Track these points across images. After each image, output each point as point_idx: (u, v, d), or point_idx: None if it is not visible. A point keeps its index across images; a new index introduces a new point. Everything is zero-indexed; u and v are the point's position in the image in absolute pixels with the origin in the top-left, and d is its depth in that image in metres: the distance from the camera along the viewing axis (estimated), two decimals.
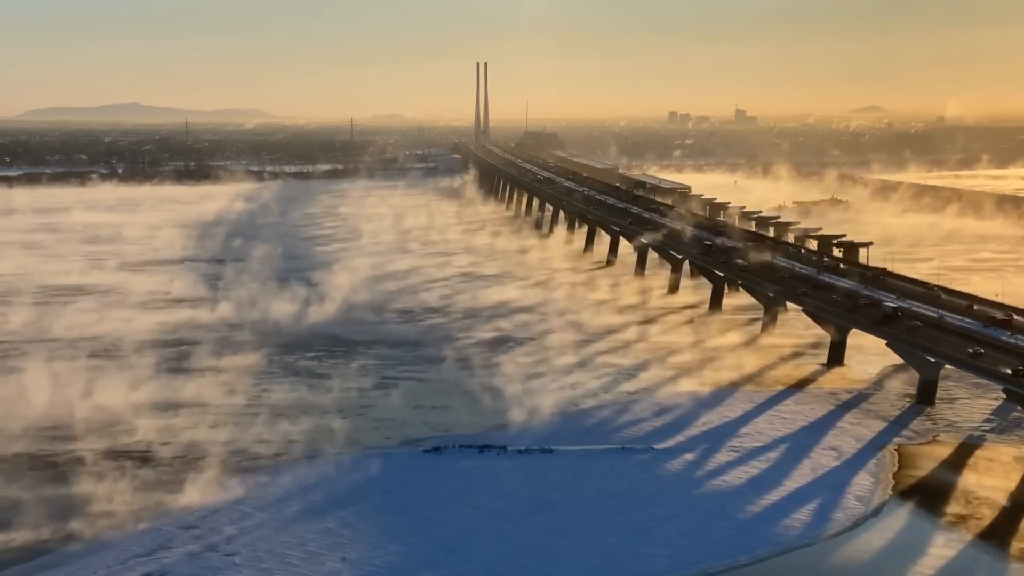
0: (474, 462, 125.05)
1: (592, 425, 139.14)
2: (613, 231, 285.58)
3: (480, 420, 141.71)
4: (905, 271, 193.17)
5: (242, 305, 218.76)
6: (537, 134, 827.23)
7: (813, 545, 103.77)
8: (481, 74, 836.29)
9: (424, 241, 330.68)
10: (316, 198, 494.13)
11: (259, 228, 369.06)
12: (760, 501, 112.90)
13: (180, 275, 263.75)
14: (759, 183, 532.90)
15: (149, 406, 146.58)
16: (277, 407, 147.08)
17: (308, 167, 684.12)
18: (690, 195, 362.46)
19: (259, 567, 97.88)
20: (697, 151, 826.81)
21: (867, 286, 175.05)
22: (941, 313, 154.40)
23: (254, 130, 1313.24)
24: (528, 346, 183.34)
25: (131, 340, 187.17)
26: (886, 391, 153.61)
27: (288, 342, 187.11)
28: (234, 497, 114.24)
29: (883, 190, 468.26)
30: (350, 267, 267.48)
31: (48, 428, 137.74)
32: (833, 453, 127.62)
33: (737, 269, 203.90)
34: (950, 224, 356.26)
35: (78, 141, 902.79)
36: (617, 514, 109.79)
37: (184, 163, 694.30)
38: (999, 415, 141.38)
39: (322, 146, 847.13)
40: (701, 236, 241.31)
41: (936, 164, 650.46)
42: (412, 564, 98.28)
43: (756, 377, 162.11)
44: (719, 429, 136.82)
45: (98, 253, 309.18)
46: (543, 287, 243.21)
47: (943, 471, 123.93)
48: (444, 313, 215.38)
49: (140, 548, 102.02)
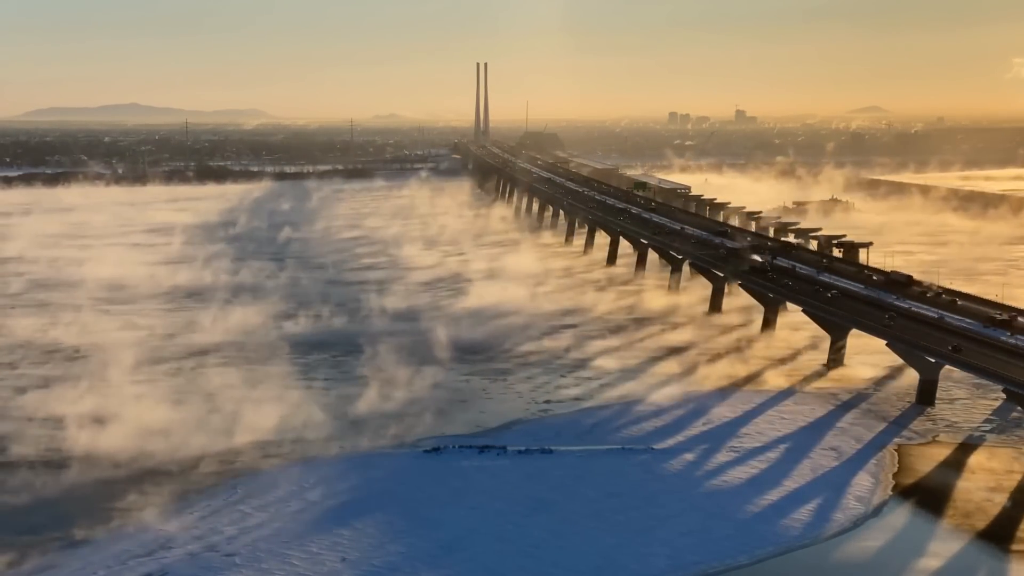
0: (474, 462, 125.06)
1: (592, 425, 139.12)
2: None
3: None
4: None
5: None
6: (537, 134, 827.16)
7: (813, 545, 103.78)
8: (481, 74, 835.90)
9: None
10: (329, 204, 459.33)
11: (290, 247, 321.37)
12: (760, 501, 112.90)
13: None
14: (759, 183, 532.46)
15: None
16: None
17: (308, 167, 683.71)
18: (690, 196, 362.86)
19: (259, 567, 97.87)
20: (697, 152, 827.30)
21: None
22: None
23: (254, 130, 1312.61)
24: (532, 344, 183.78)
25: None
26: (886, 391, 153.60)
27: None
28: (234, 497, 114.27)
29: (882, 190, 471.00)
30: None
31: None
32: (833, 453, 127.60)
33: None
34: (936, 220, 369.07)
35: (78, 141, 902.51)
36: (617, 514, 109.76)
37: (184, 163, 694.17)
38: (999, 415, 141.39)
39: (322, 147, 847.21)
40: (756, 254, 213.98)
41: (936, 165, 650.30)
42: (412, 564, 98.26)
43: (756, 377, 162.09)
44: (719, 429, 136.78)
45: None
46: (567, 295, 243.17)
47: (943, 471, 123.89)
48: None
49: (140, 548, 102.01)
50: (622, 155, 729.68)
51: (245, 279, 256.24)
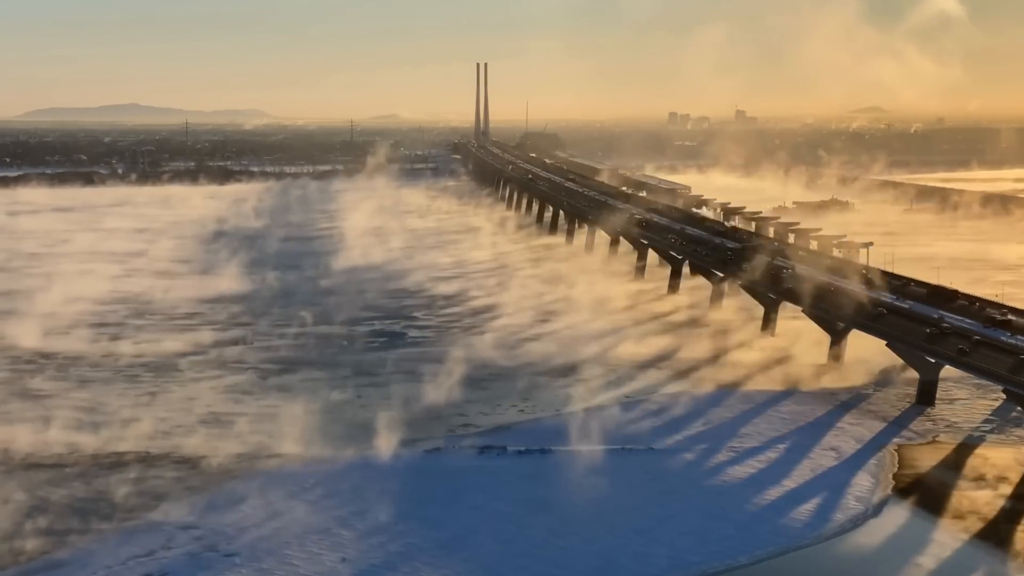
0: (474, 462, 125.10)
1: (592, 425, 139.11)
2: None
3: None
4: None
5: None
6: (537, 134, 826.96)
7: (813, 545, 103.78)
8: (481, 74, 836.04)
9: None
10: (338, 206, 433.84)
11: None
12: (760, 501, 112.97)
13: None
14: (759, 183, 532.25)
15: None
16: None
17: (308, 167, 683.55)
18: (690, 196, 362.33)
19: (259, 567, 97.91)
20: (697, 151, 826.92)
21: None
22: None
23: (254, 131, 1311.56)
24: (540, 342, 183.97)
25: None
26: (886, 391, 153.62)
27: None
28: (234, 497, 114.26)
29: (881, 190, 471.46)
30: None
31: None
32: (833, 453, 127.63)
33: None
34: (936, 220, 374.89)
35: (78, 141, 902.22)
36: (617, 514, 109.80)
37: (184, 163, 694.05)
38: (999, 415, 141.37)
39: (322, 147, 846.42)
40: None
41: (936, 165, 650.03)
42: (412, 564, 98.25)
43: (756, 377, 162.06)
44: (719, 429, 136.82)
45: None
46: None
47: (943, 472, 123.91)
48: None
49: (140, 548, 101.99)
50: (622, 155, 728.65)
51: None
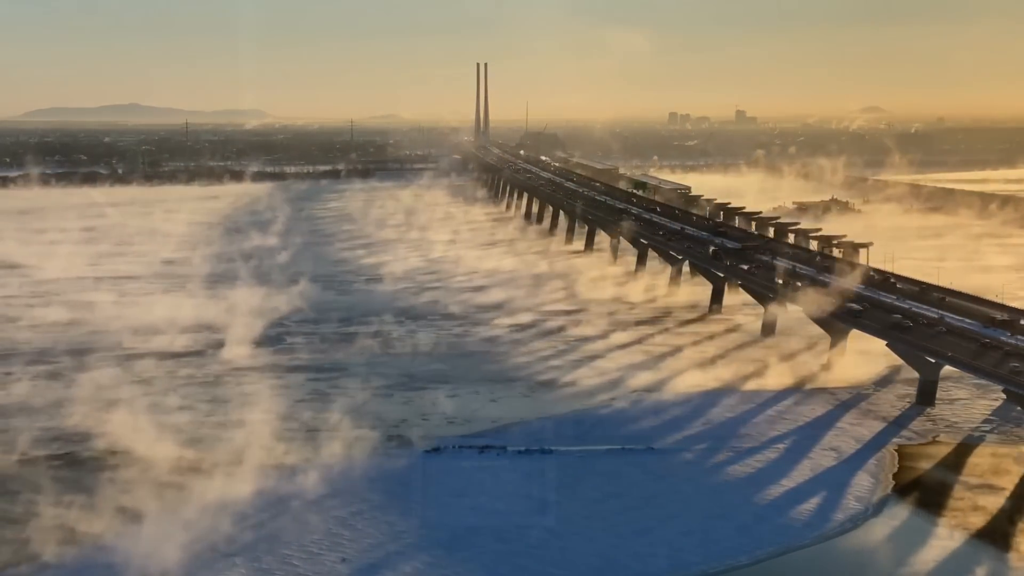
0: (474, 462, 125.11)
1: (592, 425, 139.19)
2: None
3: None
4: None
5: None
6: (537, 134, 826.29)
7: (813, 545, 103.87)
8: (481, 74, 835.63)
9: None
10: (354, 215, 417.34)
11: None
12: (760, 501, 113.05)
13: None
14: (759, 183, 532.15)
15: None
16: None
17: (309, 167, 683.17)
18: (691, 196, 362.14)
19: (259, 567, 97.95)
20: (697, 152, 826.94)
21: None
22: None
23: (254, 131, 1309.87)
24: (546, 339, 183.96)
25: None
26: (886, 391, 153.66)
27: None
28: (234, 497, 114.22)
29: (881, 190, 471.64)
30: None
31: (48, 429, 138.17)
32: (833, 453, 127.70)
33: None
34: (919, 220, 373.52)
35: (78, 141, 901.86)
36: (617, 514, 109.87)
37: (184, 163, 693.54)
38: (999, 415, 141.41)
39: (323, 147, 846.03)
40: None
41: (935, 165, 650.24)
42: (412, 564, 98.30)
43: (756, 377, 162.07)
44: (719, 429, 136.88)
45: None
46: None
47: (943, 471, 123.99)
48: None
49: (140, 548, 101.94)
50: (622, 155, 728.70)
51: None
